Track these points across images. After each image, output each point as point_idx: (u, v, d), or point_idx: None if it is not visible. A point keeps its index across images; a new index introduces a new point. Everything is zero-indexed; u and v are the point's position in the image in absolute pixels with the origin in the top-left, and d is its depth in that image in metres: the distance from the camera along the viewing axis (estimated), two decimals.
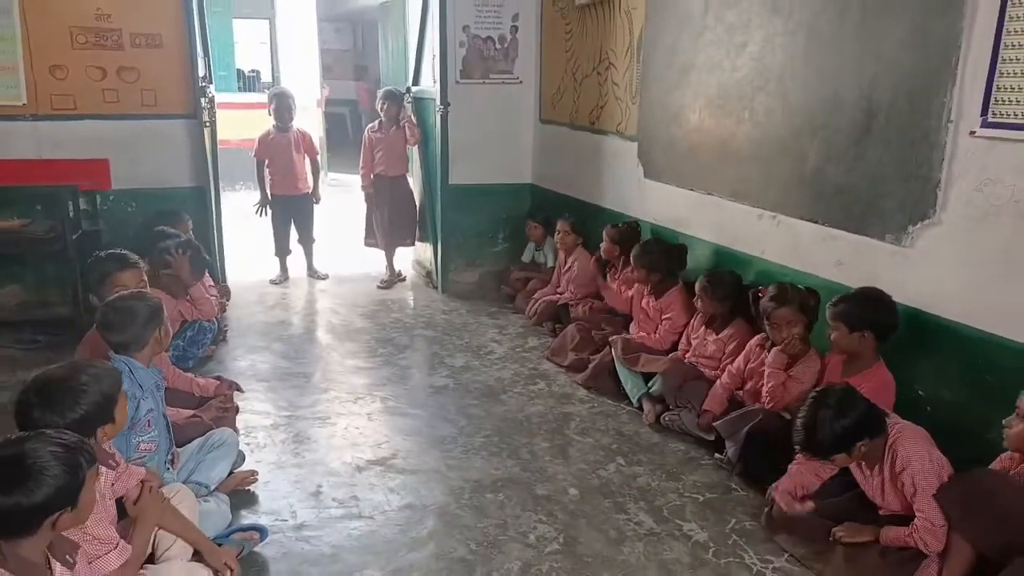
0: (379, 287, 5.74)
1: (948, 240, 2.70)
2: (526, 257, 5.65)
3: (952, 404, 2.72)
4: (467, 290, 5.64)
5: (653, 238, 4.18)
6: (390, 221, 5.76)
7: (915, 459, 2.34)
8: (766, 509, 2.79)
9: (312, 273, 5.97)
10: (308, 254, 5.97)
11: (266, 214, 5.78)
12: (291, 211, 5.80)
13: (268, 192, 5.74)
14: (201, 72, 5.02)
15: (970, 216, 2.62)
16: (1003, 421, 2.24)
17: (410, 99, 5.86)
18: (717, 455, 3.24)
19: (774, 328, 3.13)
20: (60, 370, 2.12)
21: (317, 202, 5.90)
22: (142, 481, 2.26)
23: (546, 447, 3.36)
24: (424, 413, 3.70)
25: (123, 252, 3.35)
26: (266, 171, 5.71)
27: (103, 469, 2.10)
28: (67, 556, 1.81)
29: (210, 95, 5.13)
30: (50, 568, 1.75)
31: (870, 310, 2.80)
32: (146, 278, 3.41)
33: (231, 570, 2.33)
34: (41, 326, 4.64)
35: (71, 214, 4.68)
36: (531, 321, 4.91)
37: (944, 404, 2.75)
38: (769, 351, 3.20)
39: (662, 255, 3.98)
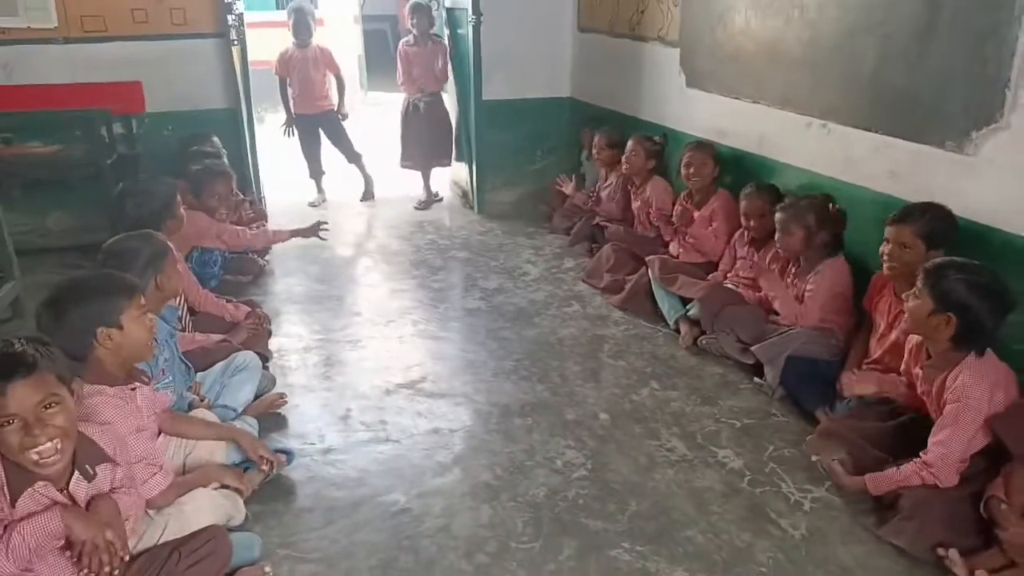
0: (416, 208, 5.65)
1: (1016, 146, 2.44)
2: (583, 168, 5.42)
3: (1019, 326, 2.49)
4: (504, 210, 5.49)
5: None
6: (427, 140, 5.60)
7: (973, 391, 2.16)
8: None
9: (367, 192, 5.84)
10: (361, 169, 5.82)
11: (293, 134, 5.67)
12: (318, 130, 5.66)
13: (292, 111, 5.60)
14: None
15: None
16: None
17: (439, 10, 5.58)
18: (757, 379, 3.12)
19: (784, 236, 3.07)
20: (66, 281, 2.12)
21: (344, 118, 5.73)
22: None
23: (578, 371, 3.28)
24: (455, 336, 3.65)
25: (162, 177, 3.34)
26: (289, 89, 5.57)
27: (138, 385, 2.12)
28: (87, 466, 1.79)
29: (237, 12, 4.98)
30: (70, 477, 1.74)
31: (949, 227, 2.54)
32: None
33: (269, 463, 2.41)
34: (86, 251, 4.68)
35: (106, 139, 4.68)
36: (568, 241, 4.76)
37: (1009, 326, 2.52)
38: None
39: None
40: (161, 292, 2.55)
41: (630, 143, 4.30)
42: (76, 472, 1.76)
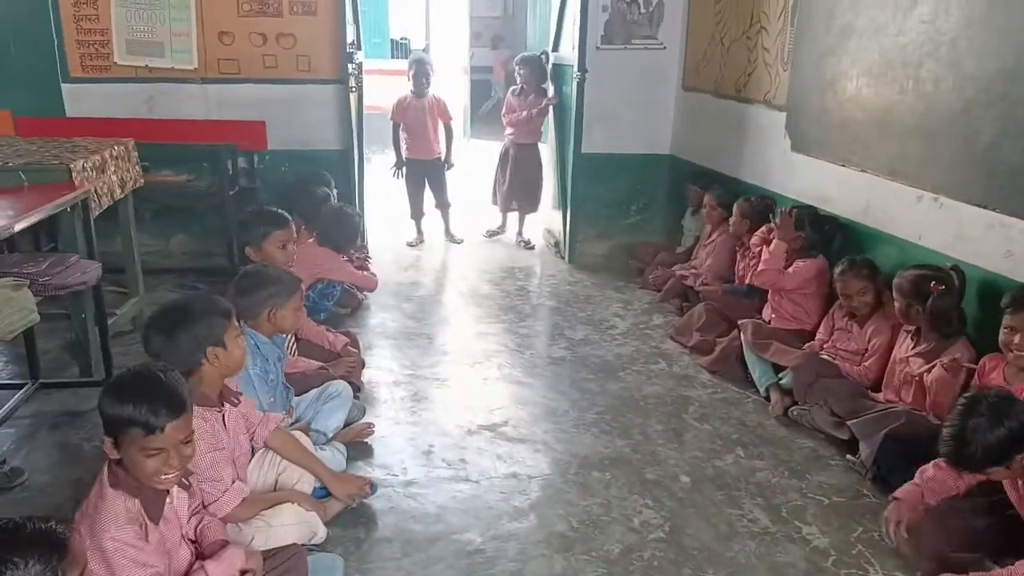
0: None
1: None
2: (684, 221, 5.42)
3: None
4: (595, 262, 5.54)
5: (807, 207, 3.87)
6: (516, 187, 5.80)
7: None
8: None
9: (449, 237, 6.08)
10: (445, 218, 6.08)
11: (401, 176, 5.93)
12: (424, 175, 5.90)
13: (403, 155, 5.86)
14: (350, 39, 5.19)
15: None
16: None
17: (548, 64, 5.77)
18: (849, 457, 2.99)
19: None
20: (180, 298, 2.32)
21: (449, 167, 5.96)
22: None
23: (660, 430, 3.24)
24: (539, 383, 3.68)
25: (280, 211, 3.46)
26: (402, 134, 5.83)
27: (226, 407, 2.26)
28: (184, 479, 1.94)
29: (357, 61, 5.29)
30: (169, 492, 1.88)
31: None
32: (294, 234, 3.48)
33: (353, 496, 2.54)
34: (202, 274, 5.03)
35: (230, 171, 5.03)
36: (658, 296, 4.75)
37: None
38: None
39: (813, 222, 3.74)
40: (272, 325, 2.70)
41: (735, 206, 4.31)
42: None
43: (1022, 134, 2.71)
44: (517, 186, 5.80)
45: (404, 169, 5.89)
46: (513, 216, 6.05)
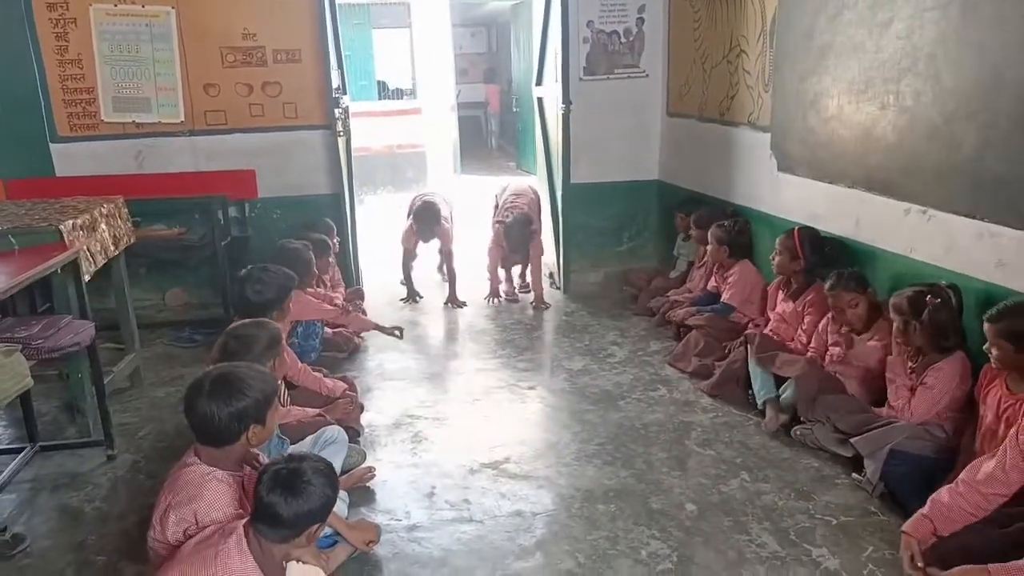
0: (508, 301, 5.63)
1: None
2: (677, 249, 5.40)
3: None
4: (590, 291, 5.54)
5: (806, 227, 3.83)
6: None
7: None
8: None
9: (452, 301, 5.49)
10: (451, 287, 5.53)
11: (410, 306, 5.51)
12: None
13: (414, 288, 5.60)
14: (336, 84, 5.24)
15: None
16: None
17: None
18: (855, 475, 2.96)
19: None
20: (232, 367, 2.24)
21: (460, 307, 5.37)
22: None
23: (664, 458, 3.21)
24: (539, 417, 3.66)
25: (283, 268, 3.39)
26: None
27: (247, 470, 2.24)
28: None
29: (344, 106, 5.34)
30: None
31: None
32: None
33: (371, 543, 2.57)
34: (199, 326, 4.99)
35: (222, 222, 5.04)
36: (654, 321, 4.74)
37: None
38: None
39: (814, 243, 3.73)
40: (274, 373, 2.69)
41: (710, 234, 4.33)
42: None
43: (1004, 144, 2.72)
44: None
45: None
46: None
